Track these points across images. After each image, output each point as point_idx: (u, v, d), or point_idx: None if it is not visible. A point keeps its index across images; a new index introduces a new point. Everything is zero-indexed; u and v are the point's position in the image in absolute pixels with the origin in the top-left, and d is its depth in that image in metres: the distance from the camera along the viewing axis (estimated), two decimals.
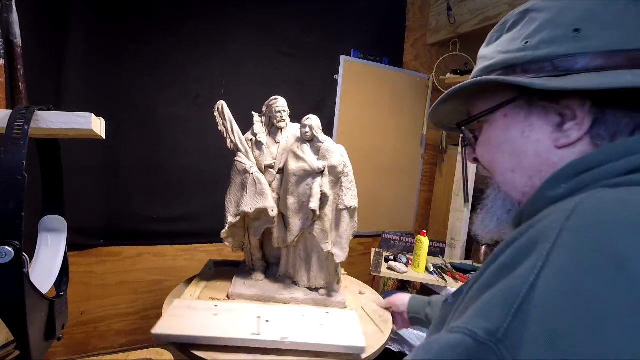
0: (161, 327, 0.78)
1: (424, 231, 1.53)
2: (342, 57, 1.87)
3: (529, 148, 0.39)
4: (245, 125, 1.67)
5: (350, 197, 0.97)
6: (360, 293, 1.09)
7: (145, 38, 1.44)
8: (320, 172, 0.94)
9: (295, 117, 1.06)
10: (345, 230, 0.98)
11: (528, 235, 0.28)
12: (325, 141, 0.97)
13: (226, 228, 0.97)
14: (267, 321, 0.82)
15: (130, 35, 1.41)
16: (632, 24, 0.34)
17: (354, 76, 1.92)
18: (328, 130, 1.89)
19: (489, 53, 0.43)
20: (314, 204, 0.91)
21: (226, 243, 1.01)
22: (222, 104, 1.00)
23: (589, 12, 0.35)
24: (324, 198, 0.94)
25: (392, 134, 2.10)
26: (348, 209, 0.96)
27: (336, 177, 0.95)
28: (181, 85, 1.53)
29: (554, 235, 0.26)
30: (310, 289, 1.00)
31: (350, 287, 1.13)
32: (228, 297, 0.97)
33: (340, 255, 0.96)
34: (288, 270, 1.03)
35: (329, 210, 0.95)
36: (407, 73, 2.08)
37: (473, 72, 0.45)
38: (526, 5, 0.41)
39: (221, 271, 1.14)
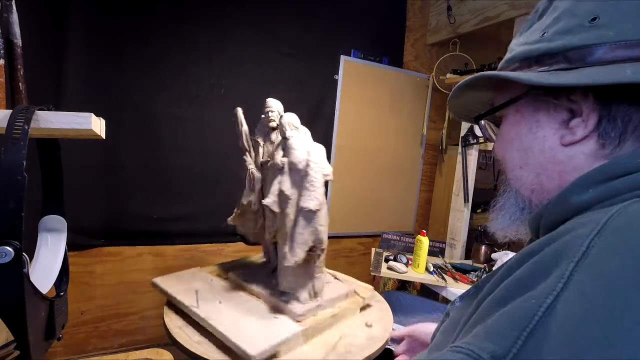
0: (160, 280, 1.02)
1: (424, 231, 1.53)
2: (342, 57, 1.87)
3: (535, 144, 0.37)
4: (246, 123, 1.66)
5: (307, 199, 0.88)
6: (367, 325, 0.94)
7: (145, 38, 1.44)
8: (281, 169, 0.93)
9: None
10: (300, 234, 0.89)
11: (550, 249, 0.26)
12: (292, 137, 0.94)
13: (232, 215, 1.07)
14: (219, 302, 0.94)
15: (130, 35, 1.41)
16: None
17: (354, 76, 1.92)
18: (328, 130, 1.89)
19: (513, 44, 0.42)
20: (267, 200, 0.91)
21: (237, 230, 1.13)
22: (238, 110, 1.06)
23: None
24: (283, 196, 0.90)
25: (392, 134, 2.10)
26: (302, 210, 0.88)
27: (298, 175, 0.90)
28: (181, 85, 1.53)
29: (579, 252, 0.23)
30: (277, 290, 0.97)
31: (366, 315, 1.01)
32: (226, 277, 1.09)
33: (289, 258, 0.89)
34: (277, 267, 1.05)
35: (290, 210, 0.90)
36: (407, 73, 2.08)
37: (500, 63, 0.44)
38: None
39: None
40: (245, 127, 1.04)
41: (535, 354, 0.21)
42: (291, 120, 0.97)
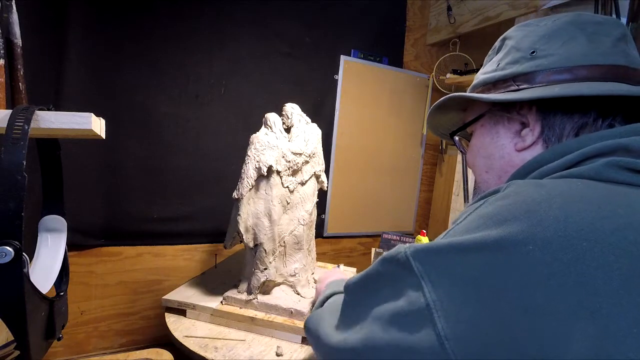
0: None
1: (424, 231, 1.52)
2: (342, 57, 1.87)
3: (496, 152, 0.46)
4: (246, 123, 1.67)
5: (237, 187, 0.95)
6: (277, 354, 0.83)
7: (145, 38, 1.44)
8: None
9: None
10: (231, 220, 0.99)
11: (467, 207, 0.36)
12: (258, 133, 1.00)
13: None
14: (215, 267, 1.28)
15: (130, 35, 1.41)
16: (576, 46, 0.41)
17: (354, 76, 1.92)
18: (328, 130, 1.89)
19: (479, 74, 0.52)
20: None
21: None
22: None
23: (542, 37, 0.43)
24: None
25: (392, 134, 2.10)
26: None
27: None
28: (181, 85, 1.53)
29: (478, 206, 0.33)
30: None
31: (293, 348, 0.87)
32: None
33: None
34: None
35: None
36: (407, 73, 2.08)
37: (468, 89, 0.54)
38: (505, 33, 0.49)
39: None
40: None
41: (428, 245, 0.31)
42: (267, 116, 1.03)
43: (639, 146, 0.31)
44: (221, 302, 0.97)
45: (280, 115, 1.09)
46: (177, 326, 0.91)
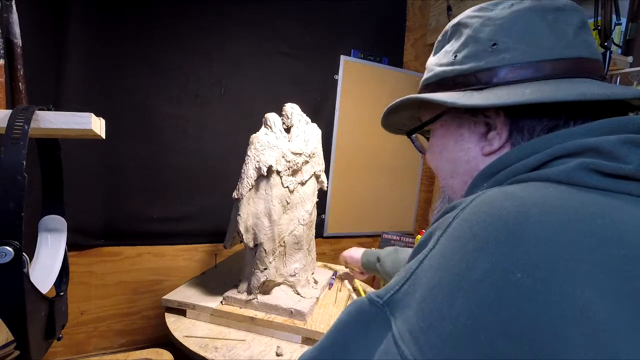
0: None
1: (424, 231, 1.52)
2: (342, 57, 1.87)
3: (461, 155, 0.43)
4: (246, 123, 1.67)
5: (237, 187, 0.95)
6: (277, 354, 0.83)
7: (145, 38, 1.44)
8: None
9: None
10: (231, 220, 0.99)
11: (437, 224, 0.32)
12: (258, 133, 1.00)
13: None
14: (215, 267, 1.29)
15: (130, 35, 1.41)
16: (539, 37, 0.37)
17: (354, 76, 1.92)
18: (328, 130, 1.89)
19: (430, 64, 0.47)
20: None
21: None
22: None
23: (501, 27, 0.39)
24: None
25: (392, 134, 2.09)
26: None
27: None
28: (181, 85, 1.53)
29: (447, 224, 0.30)
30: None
31: (289, 347, 0.87)
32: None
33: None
34: None
35: None
36: (407, 73, 2.08)
37: (421, 81, 0.49)
38: (458, 18, 0.44)
39: None
40: None
41: (404, 294, 0.28)
42: (267, 116, 1.03)
43: (608, 146, 0.29)
44: (221, 302, 0.97)
45: (280, 115, 1.09)
46: (177, 326, 0.91)
